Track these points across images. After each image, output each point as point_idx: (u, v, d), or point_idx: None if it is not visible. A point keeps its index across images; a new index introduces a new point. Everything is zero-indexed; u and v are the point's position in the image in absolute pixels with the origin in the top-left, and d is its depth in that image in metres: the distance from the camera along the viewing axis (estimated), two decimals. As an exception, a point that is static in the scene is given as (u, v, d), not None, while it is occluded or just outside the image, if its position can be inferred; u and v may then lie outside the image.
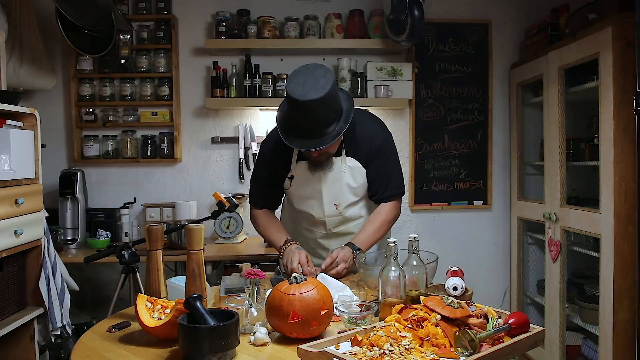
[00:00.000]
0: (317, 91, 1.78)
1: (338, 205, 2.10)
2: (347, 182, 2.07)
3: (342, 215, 2.13)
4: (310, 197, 2.11)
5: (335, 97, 1.87)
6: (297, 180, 2.11)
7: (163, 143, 3.46)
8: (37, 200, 2.36)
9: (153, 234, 1.57)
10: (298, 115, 1.85)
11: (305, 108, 1.79)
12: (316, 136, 1.86)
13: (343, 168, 2.06)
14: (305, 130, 1.86)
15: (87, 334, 1.52)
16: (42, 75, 3.13)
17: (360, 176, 2.08)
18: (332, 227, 2.16)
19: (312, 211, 2.14)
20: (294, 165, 2.10)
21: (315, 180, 2.07)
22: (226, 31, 3.32)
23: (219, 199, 2.11)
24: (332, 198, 2.09)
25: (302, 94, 1.78)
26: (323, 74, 1.83)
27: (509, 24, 3.63)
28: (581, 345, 2.91)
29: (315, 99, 1.77)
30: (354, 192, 2.10)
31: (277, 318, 1.39)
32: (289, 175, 2.12)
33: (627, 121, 2.38)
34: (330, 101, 1.82)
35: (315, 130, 1.85)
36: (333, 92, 1.83)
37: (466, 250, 3.64)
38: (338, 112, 1.89)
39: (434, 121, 3.60)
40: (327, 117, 1.85)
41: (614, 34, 2.39)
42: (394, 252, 1.48)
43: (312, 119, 1.82)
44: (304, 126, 1.86)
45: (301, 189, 2.12)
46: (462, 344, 1.18)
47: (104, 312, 2.61)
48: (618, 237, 2.42)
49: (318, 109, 1.80)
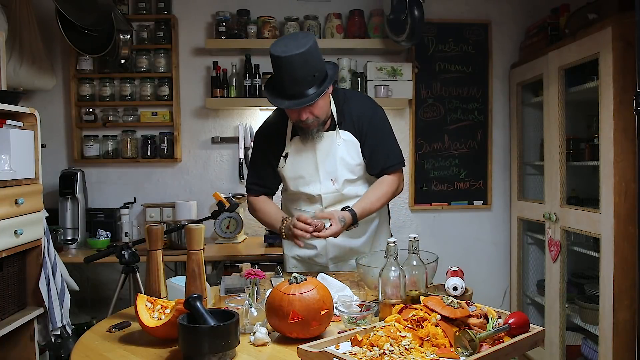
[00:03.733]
0: (298, 48, 1.85)
1: (334, 180, 2.09)
2: (341, 156, 2.07)
3: (340, 192, 2.10)
4: (306, 174, 2.10)
5: (317, 58, 1.92)
6: (292, 158, 2.11)
7: (163, 143, 3.46)
8: (37, 200, 2.36)
9: (153, 234, 1.57)
10: (282, 74, 1.89)
11: (286, 64, 1.86)
12: (301, 96, 1.91)
13: (337, 141, 2.07)
14: (290, 90, 1.91)
15: (87, 334, 1.52)
16: (42, 75, 3.13)
17: (355, 151, 2.08)
18: (329, 204, 2.11)
19: (307, 189, 2.11)
20: (288, 142, 2.12)
21: (310, 155, 2.08)
22: (226, 31, 3.32)
23: (219, 199, 2.11)
24: (328, 174, 2.08)
25: (284, 50, 1.86)
26: (304, 36, 1.92)
27: (509, 24, 3.63)
28: (581, 345, 2.91)
29: (296, 53, 1.84)
30: (351, 169, 2.09)
31: (277, 318, 1.39)
32: (283, 154, 2.13)
33: (627, 121, 2.38)
34: (311, 59, 1.88)
35: (299, 88, 1.90)
36: (314, 51, 1.89)
37: (466, 250, 3.64)
38: (321, 72, 1.94)
39: (434, 121, 3.60)
40: (311, 74, 1.89)
41: (614, 34, 2.39)
42: (394, 252, 1.48)
43: (294, 75, 1.87)
44: (289, 85, 1.90)
45: (297, 167, 2.11)
46: (462, 344, 1.18)
47: (104, 312, 2.61)
48: (618, 237, 2.42)
49: (300, 65, 1.86)
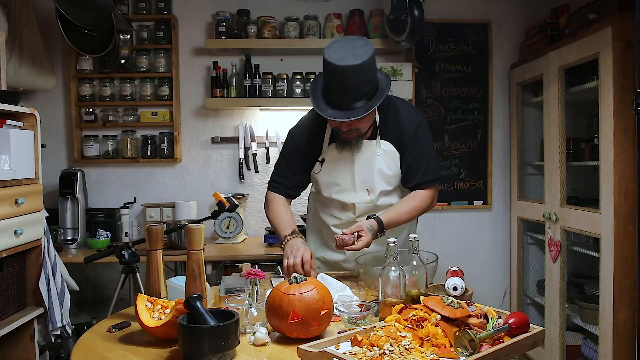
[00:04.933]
0: (354, 58, 1.77)
1: (370, 191, 2.02)
2: (380, 167, 2.01)
3: (374, 203, 2.04)
4: (342, 181, 2.04)
5: (372, 70, 1.85)
6: (328, 164, 2.05)
7: (163, 143, 3.46)
8: (37, 200, 2.36)
9: (153, 234, 1.57)
10: (332, 82, 1.82)
11: (340, 74, 1.78)
12: (348, 107, 1.83)
13: (377, 152, 2.00)
14: (338, 100, 1.84)
15: (87, 334, 1.52)
16: (42, 75, 3.13)
17: (394, 163, 2.02)
18: (362, 213, 2.05)
19: (342, 197, 2.05)
20: (326, 147, 2.05)
21: (347, 164, 2.02)
22: (226, 31, 3.32)
23: (219, 199, 2.11)
24: (364, 183, 2.02)
25: (339, 59, 1.77)
26: (363, 44, 1.83)
27: (509, 24, 3.63)
28: (581, 345, 2.91)
29: (352, 65, 1.76)
30: (387, 180, 2.03)
31: (277, 318, 1.39)
32: (319, 159, 2.07)
33: (627, 121, 2.38)
34: (366, 71, 1.80)
35: (348, 100, 1.82)
36: (371, 63, 1.81)
37: (466, 250, 3.64)
38: (374, 86, 1.86)
39: (434, 121, 3.60)
40: (362, 88, 1.82)
41: (614, 34, 2.39)
42: (394, 252, 1.48)
43: (346, 87, 1.80)
44: (337, 94, 1.83)
45: (332, 173, 2.05)
46: (462, 344, 1.18)
47: (104, 312, 2.61)
48: (618, 237, 2.42)
49: (353, 77, 1.78)
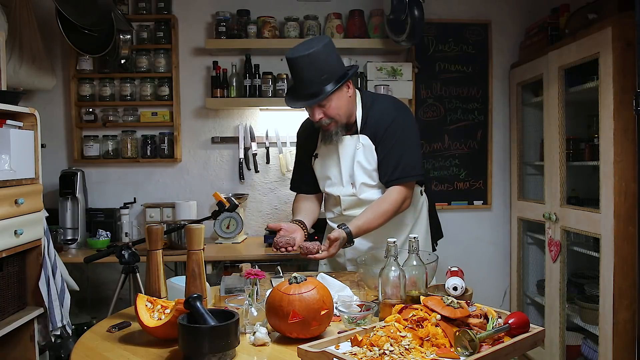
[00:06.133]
0: (305, 50, 1.96)
1: (353, 184, 2.14)
2: (359, 160, 2.11)
3: (357, 197, 2.13)
4: (332, 175, 2.19)
5: (327, 60, 1.98)
6: (320, 159, 2.22)
7: (163, 143, 3.46)
8: (37, 200, 2.36)
9: (153, 234, 1.57)
10: (292, 76, 2.02)
11: (294, 65, 1.98)
12: (308, 96, 2.00)
13: (357, 145, 2.12)
14: (300, 90, 2.02)
15: (87, 334, 1.52)
16: (42, 75, 3.13)
17: (372, 157, 2.11)
18: (347, 207, 2.17)
19: (332, 190, 2.20)
20: (319, 143, 2.22)
21: (334, 158, 2.17)
22: (226, 31, 3.32)
23: (219, 199, 2.11)
24: (348, 176, 2.15)
25: (292, 52, 1.98)
26: (318, 40, 2.01)
27: (509, 24, 3.63)
28: (581, 345, 2.91)
29: (302, 55, 1.94)
30: (368, 174, 2.12)
31: (277, 318, 1.39)
32: (314, 154, 2.25)
33: (627, 121, 2.38)
34: (317, 61, 1.95)
35: (306, 88, 1.99)
36: (322, 53, 1.96)
37: (466, 250, 3.64)
38: (334, 75, 2.00)
39: (434, 121, 3.60)
40: (317, 77, 1.96)
41: (614, 34, 2.39)
42: (394, 252, 1.48)
43: (301, 76, 1.98)
44: (298, 85, 2.02)
45: (324, 167, 2.21)
46: (462, 344, 1.18)
47: (104, 312, 2.61)
48: (618, 237, 2.42)
49: (305, 67, 1.95)
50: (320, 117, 2.03)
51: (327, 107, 2.01)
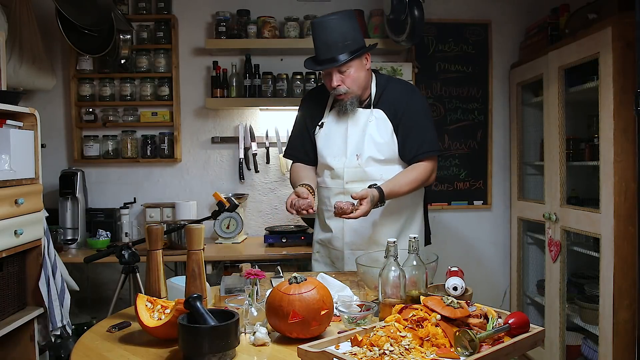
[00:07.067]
0: (331, 15, 2.04)
1: (359, 156, 2.12)
2: (370, 133, 2.11)
3: (362, 169, 2.12)
4: (335, 145, 2.17)
5: (351, 28, 2.06)
6: (326, 128, 2.20)
7: (163, 143, 3.46)
8: (37, 200, 2.36)
9: (153, 234, 1.57)
10: (317, 40, 2.05)
11: (319, 27, 2.03)
12: (331, 60, 2.03)
13: (370, 118, 2.13)
14: (322, 54, 2.04)
15: (87, 334, 1.52)
16: (42, 75, 3.13)
17: (386, 131, 2.11)
18: (350, 179, 2.13)
19: (333, 162, 2.17)
20: (327, 112, 2.22)
21: (342, 128, 2.16)
22: (226, 31, 3.32)
23: (219, 199, 2.11)
24: (354, 148, 2.13)
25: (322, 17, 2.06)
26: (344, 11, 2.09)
27: (509, 24, 3.63)
28: (581, 345, 2.91)
29: (328, 18, 2.02)
30: (378, 148, 2.11)
31: (277, 318, 1.39)
32: (319, 123, 2.23)
33: (627, 121, 2.38)
34: (343, 26, 2.02)
35: (330, 52, 2.02)
36: (347, 21, 2.04)
37: (466, 250, 3.64)
38: (356, 42, 2.05)
39: (434, 121, 3.59)
40: (341, 41, 2.02)
41: (614, 34, 2.39)
42: (394, 252, 1.48)
43: (325, 39, 2.02)
44: (321, 49, 2.04)
45: (328, 137, 2.19)
46: (462, 344, 1.18)
47: (104, 312, 2.61)
48: (618, 237, 2.42)
49: (330, 30, 2.01)
50: (338, 84, 2.05)
51: (346, 74, 2.04)
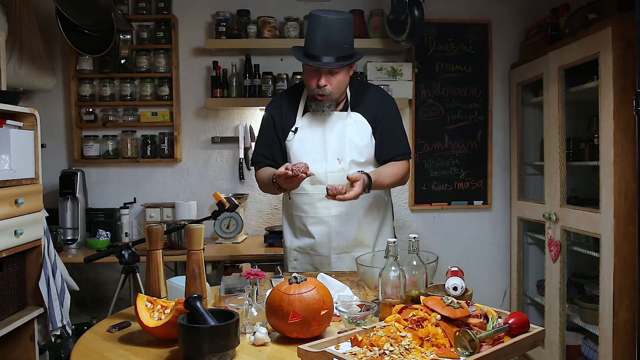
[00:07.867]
0: (338, 15, 2.04)
1: (341, 160, 2.11)
2: (350, 137, 2.11)
3: (345, 172, 2.07)
4: (313, 150, 2.12)
5: (351, 33, 2.08)
6: (301, 133, 2.15)
7: (163, 143, 3.46)
8: (37, 200, 2.36)
9: (153, 234, 1.57)
10: (317, 35, 2.01)
11: (325, 25, 2.00)
12: (329, 59, 2.01)
13: (348, 122, 2.12)
14: (321, 51, 2.01)
15: (87, 334, 1.52)
16: (42, 75, 3.13)
17: (366, 133, 2.12)
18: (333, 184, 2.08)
19: (313, 167, 2.06)
20: (299, 117, 2.17)
21: (319, 132, 2.13)
22: (226, 31, 3.32)
23: (219, 199, 2.11)
24: (335, 152, 2.11)
25: (327, 14, 2.02)
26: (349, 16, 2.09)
27: (509, 24, 3.63)
28: (581, 345, 2.91)
29: (336, 17, 2.01)
30: (359, 151, 2.12)
31: (277, 318, 1.39)
32: (292, 129, 2.16)
33: (627, 121, 2.38)
34: (347, 29, 2.04)
35: (329, 51, 2.00)
36: (350, 25, 2.06)
37: (466, 250, 3.64)
38: (351, 47, 2.07)
39: (434, 121, 3.60)
40: (342, 43, 2.02)
41: (614, 34, 2.39)
42: (393, 252, 1.48)
43: (329, 38, 2.00)
44: (321, 45, 2.01)
45: (305, 142, 2.14)
46: (462, 344, 1.18)
47: (104, 312, 2.61)
48: (618, 237, 2.42)
49: (336, 30, 2.00)
50: (325, 84, 2.03)
51: (335, 77, 2.04)
